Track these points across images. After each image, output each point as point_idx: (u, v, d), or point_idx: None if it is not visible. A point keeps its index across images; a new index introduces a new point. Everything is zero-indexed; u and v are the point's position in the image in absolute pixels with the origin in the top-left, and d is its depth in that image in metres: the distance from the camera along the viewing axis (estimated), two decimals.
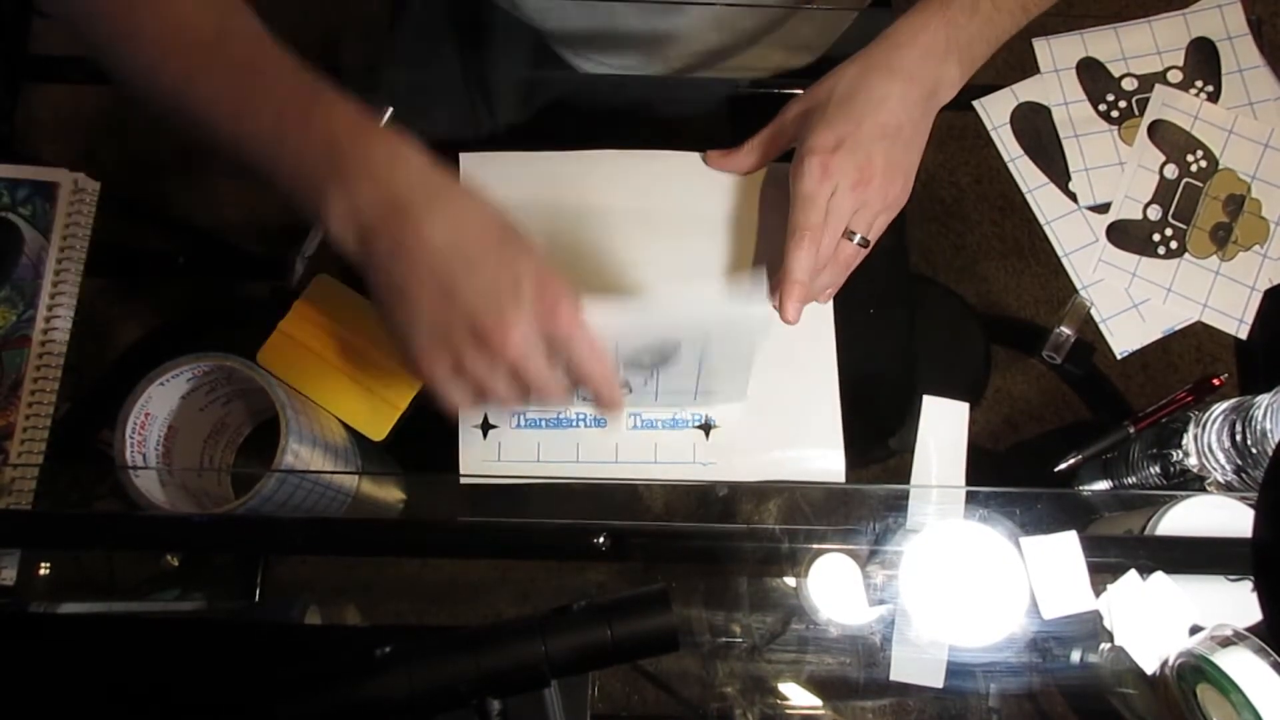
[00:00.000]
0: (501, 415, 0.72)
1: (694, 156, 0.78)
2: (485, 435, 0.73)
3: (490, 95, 0.85)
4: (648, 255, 0.76)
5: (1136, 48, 0.85)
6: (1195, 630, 0.58)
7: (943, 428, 0.71)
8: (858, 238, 0.68)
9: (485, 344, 0.54)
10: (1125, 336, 0.79)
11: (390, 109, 0.78)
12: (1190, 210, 0.81)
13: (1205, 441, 0.67)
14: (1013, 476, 0.76)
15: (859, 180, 0.67)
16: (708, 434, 0.73)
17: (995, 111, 0.83)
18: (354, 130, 0.55)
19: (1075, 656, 0.66)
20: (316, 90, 0.56)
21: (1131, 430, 0.74)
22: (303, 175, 0.55)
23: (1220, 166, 0.82)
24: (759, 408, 0.73)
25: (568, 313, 0.55)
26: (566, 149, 0.78)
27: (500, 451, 0.72)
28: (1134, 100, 0.83)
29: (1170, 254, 0.81)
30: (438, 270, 0.54)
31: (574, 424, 0.73)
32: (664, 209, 0.77)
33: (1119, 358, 0.78)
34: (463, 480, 0.71)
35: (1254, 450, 0.64)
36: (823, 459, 0.72)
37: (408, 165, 0.55)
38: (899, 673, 0.65)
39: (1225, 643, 0.55)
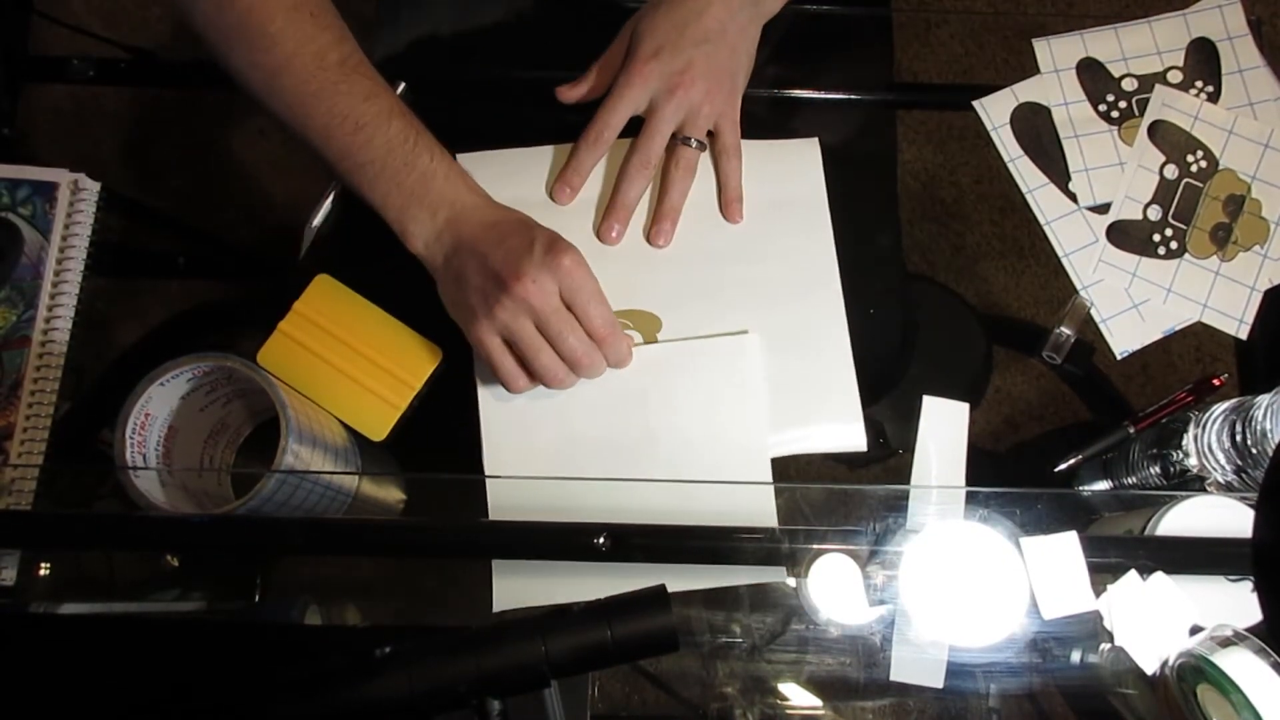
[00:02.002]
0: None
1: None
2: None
3: None
4: (645, 245, 0.77)
5: (1136, 48, 0.85)
6: (1195, 630, 0.58)
7: (943, 428, 0.71)
8: (693, 141, 0.75)
9: (507, 290, 0.66)
10: (1125, 336, 0.79)
11: (404, 83, 0.79)
12: (1190, 210, 0.81)
13: (1205, 442, 0.67)
14: (1013, 476, 0.76)
15: (678, 84, 0.72)
16: None
17: (995, 111, 0.83)
18: (447, 169, 0.70)
19: (1075, 657, 0.66)
20: (418, 128, 0.70)
21: (1131, 430, 0.74)
22: (399, 195, 0.69)
23: (1220, 167, 0.82)
24: (777, 386, 0.73)
25: (571, 261, 0.67)
26: (562, 141, 0.78)
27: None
28: (1134, 100, 0.83)
29: (1170, 254, 0.81)
30: (479, 248, 0.68)
31: None
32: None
33: (1119, 358, 0.78)
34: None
35: (1254, 450, 0.64)
36: (843, 432, 0.73)
37: (474, 192, 0.71)
38: (899, 673, 0.65)
39: (1225, 643, 0.55)
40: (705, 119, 0.75)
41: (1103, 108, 0.83)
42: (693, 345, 0.74)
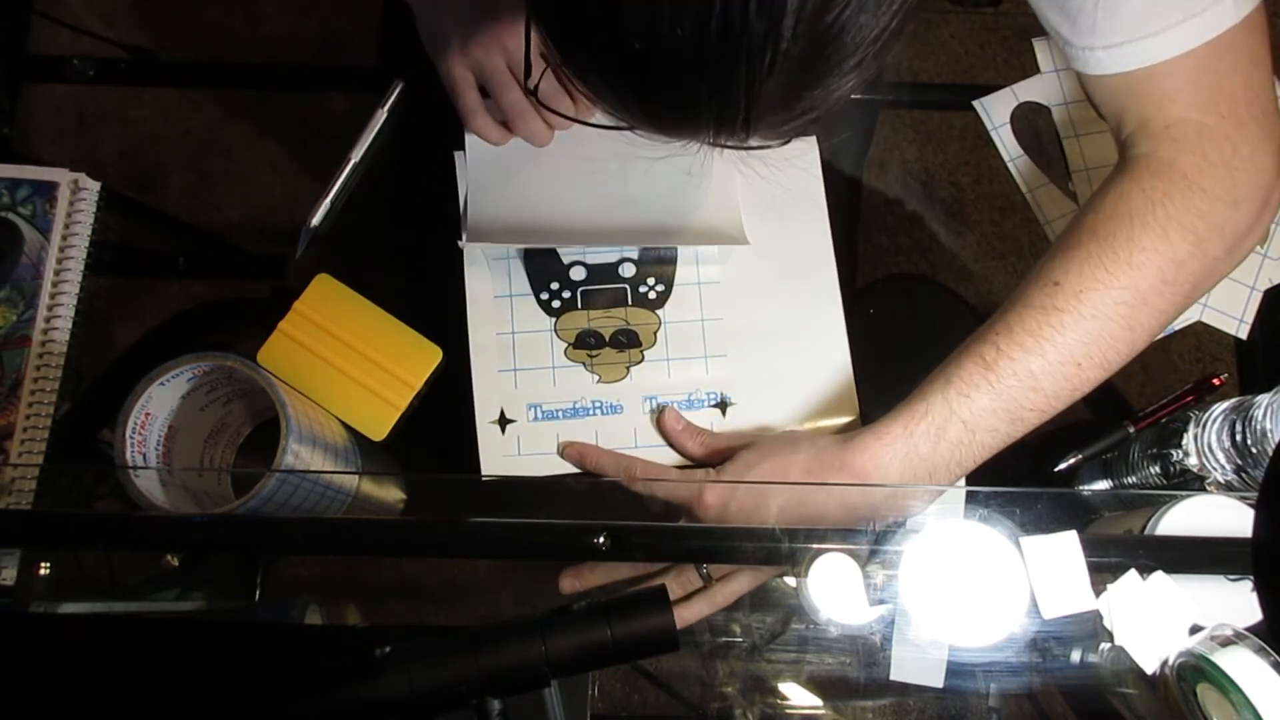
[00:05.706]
0: (518, 409, 0.73)
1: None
2: (504, 430, 0.73)
3: None
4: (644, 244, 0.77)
5: None
6: (1195, 630, 0.58)
7: None
8: None
9: (483, 27, 0.70)
10: None
11: (402, 84, 0.79)
12: None
13: (1205, 441, 0.67)
14: (1013, 476, 0.76)
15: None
16: (724, 411, 0.74)
17: (995, 111, 0.83)
18: None
19: (1075, 656, 0.66)
20: None
21: (1131, 430, 0.74)
22: None
23: None
24: (773, 381, 0.74)
25: None
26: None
27: (519, 445, 0.73)
28: None
29: None
30: None
31: (590, 413, 0.73)
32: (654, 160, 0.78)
33: None
34: (484, 478, 0.71)
35: (1254, 450, 0.64)
36: (840, 428, 0.73)
37: None
38: (899, 673, 0.65)
39: (1225, 643, 0.55)
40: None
41: None
42: None
